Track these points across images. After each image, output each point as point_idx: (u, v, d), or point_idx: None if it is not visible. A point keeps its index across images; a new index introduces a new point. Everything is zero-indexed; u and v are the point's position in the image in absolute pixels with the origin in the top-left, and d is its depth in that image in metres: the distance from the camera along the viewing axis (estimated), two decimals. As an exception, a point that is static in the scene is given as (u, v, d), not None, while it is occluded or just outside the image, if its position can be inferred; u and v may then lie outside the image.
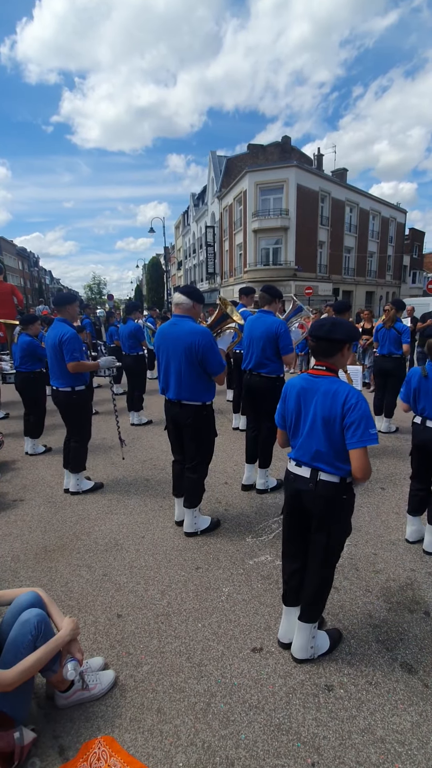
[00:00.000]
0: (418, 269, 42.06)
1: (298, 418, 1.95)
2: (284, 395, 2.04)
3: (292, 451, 2.00)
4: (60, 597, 2.47)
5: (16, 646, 1.59)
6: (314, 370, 1.93)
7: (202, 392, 2.93)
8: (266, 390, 3.66)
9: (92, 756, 1.57)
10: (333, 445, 1.82)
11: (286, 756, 1.58)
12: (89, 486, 4.00)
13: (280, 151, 30.38)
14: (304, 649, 1.99)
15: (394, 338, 5.54)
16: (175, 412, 3.00)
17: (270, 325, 3.59)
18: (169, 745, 1.63)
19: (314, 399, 1.87)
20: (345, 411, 1.77)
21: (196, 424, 2.97)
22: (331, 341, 1.87)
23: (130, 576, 2.67)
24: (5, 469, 4.58)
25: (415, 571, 2.67)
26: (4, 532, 3.25)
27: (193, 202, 41.43)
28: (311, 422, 1.87)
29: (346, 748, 1.60)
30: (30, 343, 5.01)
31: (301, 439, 1.93)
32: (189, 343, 2.79)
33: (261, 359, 3.65)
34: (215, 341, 2.92)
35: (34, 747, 1.61)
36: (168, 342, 2.91)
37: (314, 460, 1.87)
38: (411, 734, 1.65)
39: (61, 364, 3.67)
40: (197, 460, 3.06)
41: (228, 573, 2.68)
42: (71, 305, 3.82)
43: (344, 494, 1.86)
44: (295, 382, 1.97)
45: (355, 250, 31.17)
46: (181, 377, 2.89)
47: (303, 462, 1.92)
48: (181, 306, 2.92)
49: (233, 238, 29.07)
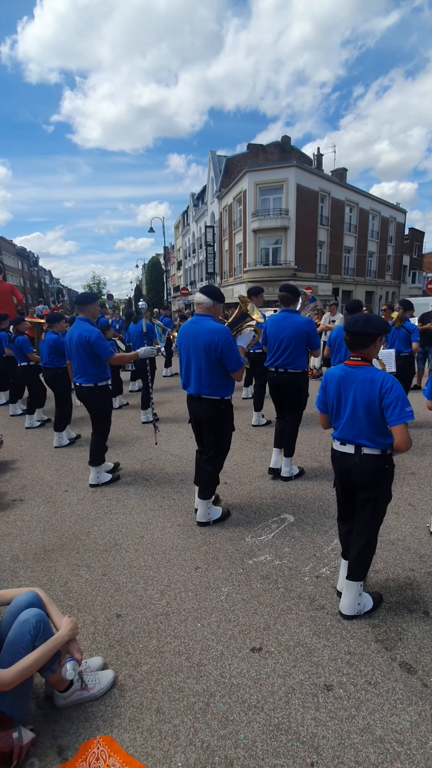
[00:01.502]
0: (417, 269, 42.08)
1: (338, 403, 2.24)
2: (324, 384, 2.33)
3: (335, 432, 2.29)
4: (59, 597, 2.47)
5: (15, 646, 1.59)
6: (351, 361, 2.20)
7: (221, 388, 3.08)
8: (294, 385, 3.95)
9: (91, 756, 1.57)
10: (373, 423, 2.10)
11: (285, 756, 1.58)
12: (108, 479, 4.16)
13: (279, 150, 30.37)
14: (352, 606, 2.24)
15: (403, 337, 5.74)
16: (196, 407, 3.17)
17: (300, 325, 3.85)
18: (168, 744, 1.63)
19: (353, 386, 2.15)
20: (382, 394, 2.05)
21: (215, 418, 3.13)
22: (366, 335, 2.13)
23: (129, 576, 2.67)
24: (5, 468, 4.58)
25: (414, 570, 2.67)
26: (4, 531, 3.24)
27: (192, 202, 41.42)
28: (352, 406, 2.15)
29: (345, 747, 1.60)
30: (56, 340, 5.25)
31: (343, 421, 2.20)
32: (208, 341, 2.94)
33: (289, 357, 3.88)
34: (234, 340, 3.05)
35: (33, 747, 1.61)
36: (189, 340, 3.06)
37: (357, 437, 2.15)
38: (410, 734, 1.65)
39: (84, 361, 3.85)
40: (213, 452, 3.22)
41: (227, 573, 2.67)
42: (92, 304, 3.98)
43: (386, 464, 2.16)
44: (334, 372, 2.26)
45: (355, 250, 31.18)
46: (201, 373, 3.04)
47: (347, 440, 2.20)
48: (202, 305, 3.06)
49: (233, 238, 29.07)
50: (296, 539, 3.04)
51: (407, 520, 3.23)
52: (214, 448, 3.21)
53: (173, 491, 3.91)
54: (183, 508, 3.56)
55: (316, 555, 2.84)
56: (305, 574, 2.65)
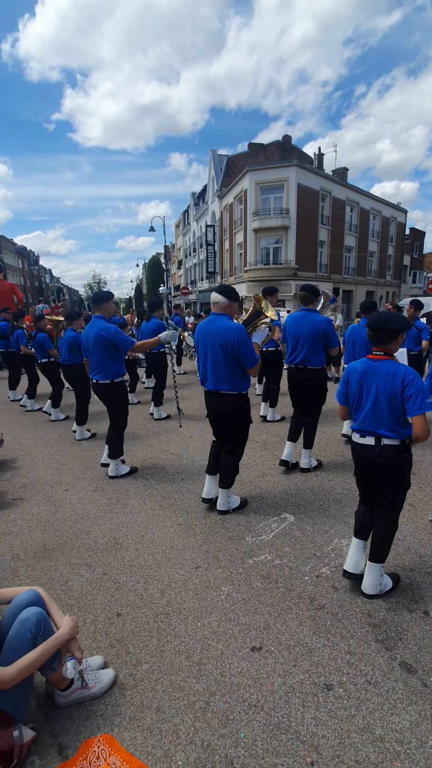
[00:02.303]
0: (418, 269, 42.03)
1: (360, 395, 2.35)
2: (346, 377, 2.45)
3: (355, 424, 2.40)
4: (59, 596, 2.47)
5: (16, 645, 1.59)
6: (373, 356, 2.33)
7: (237, 383, 3.22)
8: (313, 381, 4.12)
9: (91, 754, 1.58)
10: (394, 414, 2.22)
11: (285, 755, 1.58)
12: (126, 471, 4.32)
13: (280, 150, 30.33)
14: (374, 586, 2.39)
15: (414, 336, 5.92)
16: (214, 401, 3.32)
17: (318, 324, 3.98)
18: (168, 743, 1.63)
19: (375, 379, 2.27)
20: (404, 386, 2.17)
21: (233, 412, 3.29)
22: (388, 331, 2.26)
23: (129, 575, 2.67)
24: (5, 467, 4.58)
25: (414, 570, 2.67)
26: (4, 530, 3.25)
27: (193, 201, 41.38)
28: (374, 398, 2.26)
29: (345, 747, 1.60)
30: (75, 337, 5.40)
31: (364, 413, 2.31)
32: (225, 339, 3.07)
33: (308, 354, 4.04)
34: (248, 337, 3.17)
35: (34, 745, 1.62)
36: (206, 338, 3.20)
37: (378, 428, 2.27)
38: (410, 733, 1.65)
39: (102, 357, 3.99)
40: (233, 444, 3.38)
41: (227, 572, 2.68)
42: (108, 302, 4.11)
43: (405, 454, 2.29)
44: (357, 366, 2.38)
45: (356, 249, 31.14)
46: (219, 370, 3.19)
47: (367, 432, 2.31)
48: (218, 304, 3.18)
49: (233, 237, 29.04)
50: (296, 539, 3.04)
51: (407, 520, 3.24)
52: (233, 441, 3.38)
53: (173, 490, 3.91)
54: (183, 508, 3.56)
55: (317, 555, 2.85)
56: (305, 573, 2.65)
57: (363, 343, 4.88)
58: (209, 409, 3.43)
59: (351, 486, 3.94)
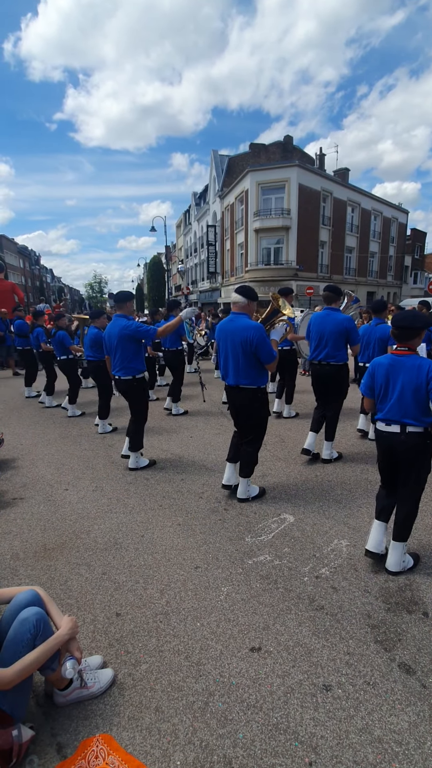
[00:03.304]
0: (419, 270, 42.01)
1: (386, 388, 2.56)
2: (372, 371, 2.65)
3: (380, 414, 2.60)
4: (59, 595, 2.47)
5: (15, 645, 1.59)
6: (398, 351, 2.55)
7: (256, 378, 3.43)
8: (335, 376, 4.37)
9: (90, 754, 1.58)
10: (419, 404, 2.44)
11: (283, 755, 1.58)
12: (145, 463, 4.48)
13: (282, 150, 30.33)
14: (397, 564, 2.61)
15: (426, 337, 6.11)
16: (235, 396, 3.54)
17: (341, 322, 4.23)
18: (167, 743, 1.63)
19: (401, 372, 2.48)
20: (429, 378, 2.38)
21: (252, 405, 3.50)
22: (413, 328, 2.48)
23: (129, 575, 2.67)
24: (5, 467, 4.59)
25: (413, 571, 2.67)
26: (4, 530, 3.25)
27: (194, 201, 41.39)
28: (400, 390, 2.48)
29: (344, 747, 1.60)
30: (97, 334, 5.59)
31: (391, 403, 2.53)
32: (244, 337, 3.28)
33: (331, 351, 4.28)
34: (267, 335, 3.35)
35: (33, 745, 1.62)
36: (227, 335, 3.42)
37: (403, 417, 2.48)
38: (408, 734, 1.65)
39: (126, 353, 4.17)
40: (253, 435, 3.61)
41: (227, 572, 2.68)
42: (129, 302, 4.36)
43: (428, 440, 2.50)
44: (382, 361, 2.59)
45: (357, 250, 31.14)
46: (239, 366, 3.40)
47: (393, 421, 2.54)
48: (238, 304, 3.41)
49: (234, 238, 29.05)
50: (296, 539, 3.05)
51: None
52: (253, 432, 3.60)
53: (173, 490, 3.91)
54: (183, 508, 3.56)
55: (316, 555, 2.85)
56: (305, 574, 2.65)
57: (375, 342, 5.03)
58: (230, 403, 3.66)
59: (351, 487, 3.95)
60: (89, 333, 5.78)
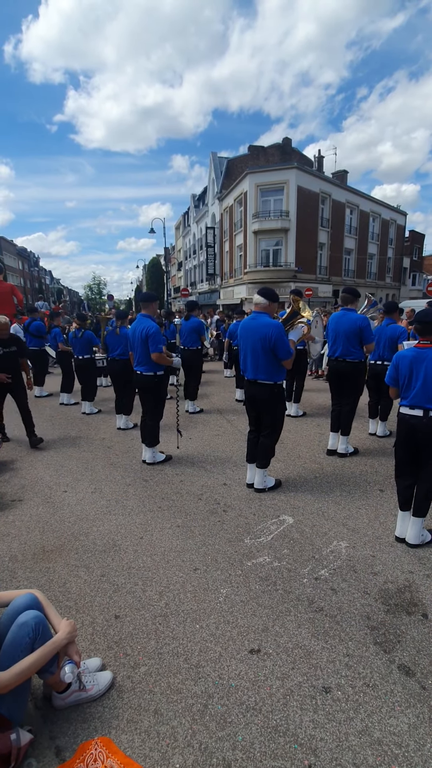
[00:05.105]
0: (417, 271, 42.08)
1: (410, 377, 2.86)
2: (396, 363, 2.97)
3: (405, 400, 2.91)
4: (58, 597, 2.47)
5: (14, 648, 1.59)
6: (421, 344, 2.85)
7: (274, 373, 3.65)
8: (352, 373, 4.60)
9: (89, 757, 1.57)
10: None
11: (283, 758, 1.57)
12: (162, 458, 4.69)
13: (280, 152, 30.41)
14: (417, 537, 2.91)
15: None
16: (253, 390, 3.76)
17: (355, 321, 4.47)
18: (166, 746, 1.63)
19: (424, 363, 2.78)
20: None
21: (269, 399, 3.72)
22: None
23: (128, 577, 2.66)
24: (4, 469, 4.58)
25: (413, 573, 2.67)
26: (2, 532, 3.24)
27: (193, 203, 41.45)
28: (423, 378, 2.78)
29: (343, 749, 1.60)
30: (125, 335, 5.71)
31: (415, 391, 2.83)
32: (263, 334, 3.51)
33: (347, 348, 4.53)
34: (285, 333, 3.58)
35: (31, 748, 1.61)
36: (248, 333, 3.65)
37: (426, 403, 2.78)
38: (408, 736, 1.65)
39: (146, 352, 4.38)
40: (270, 428, 3.81)
41: (226, 574, 2.67)
42: (154, 303, 4.61)
43: None
44: (406, 354, 2.90)
45: (355, 252, 31.19)
46: (258, 361, 3.63)
47: (417, 405, 2.82)
48: (260, 305, 3.66)
49: (233, 240, 29.07)
50: (295, 541, 3.04)
51: (406, 523, 3.23)
52: (270, 425, 3.80)
53: (172, 492, 3.91)
54: (182, 510, 3.56)
55: (315, 557, 2.84)
56: (304, 576, 2.65)
57: (386, 341, 5.16)
58: (247, 397, 3.89)
59: (350, 488, 3.95)
60: (121, 332, 5.95)
